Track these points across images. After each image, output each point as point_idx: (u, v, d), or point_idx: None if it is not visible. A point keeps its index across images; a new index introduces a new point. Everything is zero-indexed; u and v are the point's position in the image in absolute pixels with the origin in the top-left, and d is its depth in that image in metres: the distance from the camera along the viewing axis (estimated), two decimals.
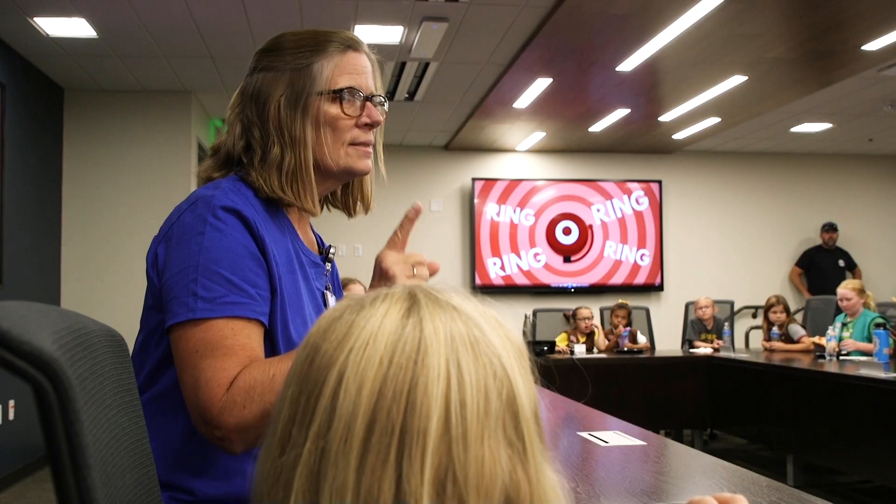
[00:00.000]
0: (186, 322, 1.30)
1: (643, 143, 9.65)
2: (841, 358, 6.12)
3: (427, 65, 6.48)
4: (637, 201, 10.09)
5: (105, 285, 7.05)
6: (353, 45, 1.53)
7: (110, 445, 0.93)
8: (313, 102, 1.47)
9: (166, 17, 5.47)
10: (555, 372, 6.13)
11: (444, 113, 8.16)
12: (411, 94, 7.34)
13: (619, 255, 10.02)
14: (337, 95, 1.49)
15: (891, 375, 5.00)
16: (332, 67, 1.49)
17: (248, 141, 1.49)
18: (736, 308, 9.27)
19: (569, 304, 8.06)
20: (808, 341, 6.84)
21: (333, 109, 1.49)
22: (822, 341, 6.35)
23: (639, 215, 10.08)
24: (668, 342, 8.34)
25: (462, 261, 9.81)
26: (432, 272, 1.55)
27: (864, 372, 5.18)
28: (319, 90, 1.48)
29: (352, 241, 9.00)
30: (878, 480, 5.43)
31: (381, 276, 1.50)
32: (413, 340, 0.64)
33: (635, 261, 10.05)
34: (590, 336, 7.21)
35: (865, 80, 6.98)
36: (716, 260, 10.27)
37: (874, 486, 5.70)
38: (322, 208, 1.63)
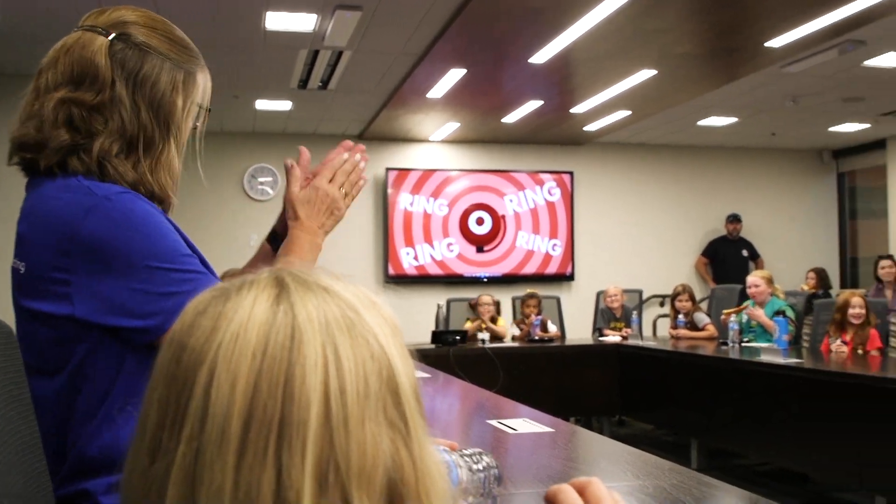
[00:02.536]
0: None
1: (555, 135, 9.77)
2: (743, 345, 6.32)
3: (340, 53, 6.43)
4: (549, 192, 10.22)
5: None
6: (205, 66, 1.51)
7: None
8: (192, 109, 1.46)
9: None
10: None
11: (358, 102, 8.12)
12: (324, 83, 7.28)
13: (531, 246, 10.14)
14: (205, 113, 1.49)
15: (789, 361, 5.19)
16: (205, 83, 1.49)
17: (122, 126, 1.37)
18: (644, 297, 9.47)
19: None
20: (711, 329, 7.04)
21: (190, 123, 1.47)
22: (730, 318, 6.53)
23: (551, 206, 10.21)
24: (579, 331, 8.48)
25: (375, 251, 9.79)
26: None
27: (764, 358, 5.36)
28: (199, 102, 1.47)
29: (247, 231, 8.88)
30: (775, 462, 5.64)
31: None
32: (286, 328, 0.61)
33: (547, 251, 10.18)
34: (493, 321, 7.28)
35: (769, 76, 7.19)
36: (625, 250, 10.48)
37: (772, 468, 5.91)
38: None
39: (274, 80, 7.24)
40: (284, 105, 8.11)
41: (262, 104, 8.10)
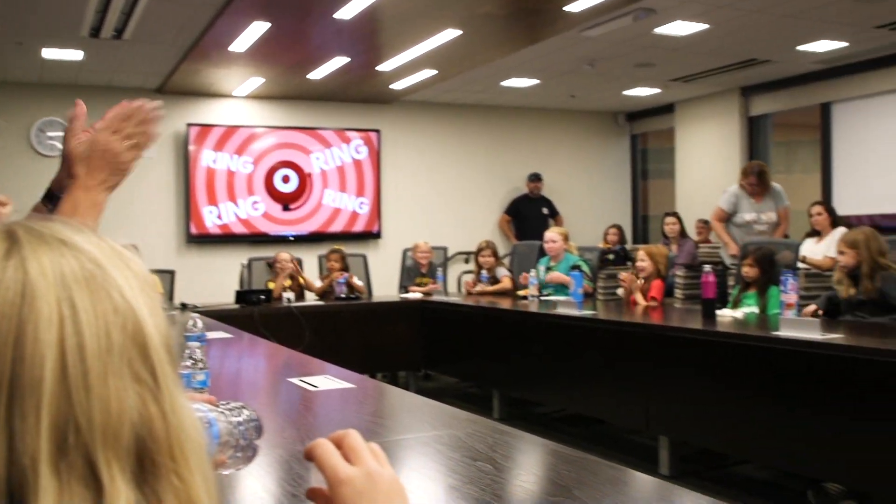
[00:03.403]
0: None
1: (362, 93, 9.72)
2: (541, 298, 6.57)
3: (135, 0, 6.10)
4: (356, 150, 10.18)
5: None
6: None
7: None
8: None
9: None
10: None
11: (156, 53, 7.74)
12: (119, 32, 6.89)
13: (338, 204, 10.09)
14: None
15: (584, 313, 5.45)
16: None
17: None
18: (450, 254, 9.66)
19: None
20: (507, 281, 7.27)
21: None
22: (527, 280, 6.77)
23: (358, 164, 10.19)
24: (386, 288, 8.55)
25: (176, 209, 9.45)
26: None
27: (561, 311, 5.60)
28: None
29: None
30: (572, 409, 5.93)
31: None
32: (16, 284, 0.57)
33: (354, 209, 10.17)
34: (294, 279, 7.24)
35: (568, 40, 7.42)
36: (431, 208, 10.62)
37: (568, 414, 6.22)
38: None
39: (62, 27, 6.78)
40: (75, 54, 7.62)
41: (49, 53, 7.57)
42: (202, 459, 0.63)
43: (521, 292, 6.99)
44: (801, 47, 7.85)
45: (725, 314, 5.01)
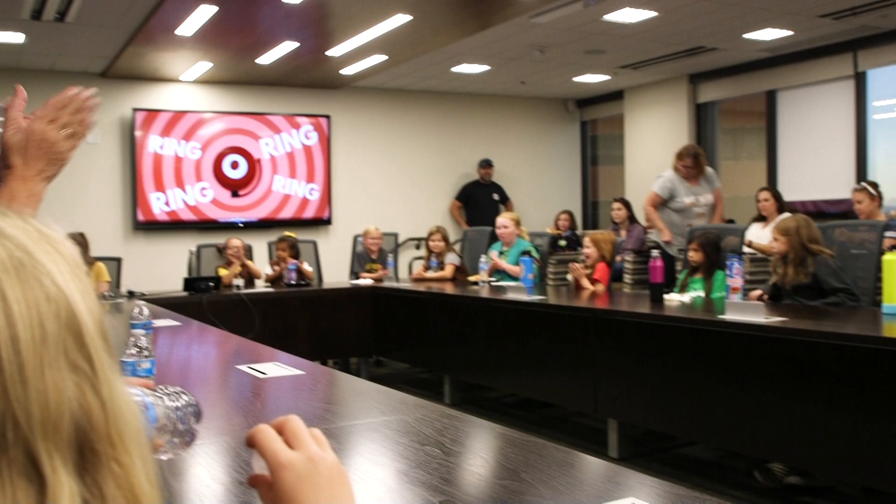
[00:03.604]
0: None
1: (312, 78, 9.65)
2: (492, 284, 6.59)
3: None
4: (306, 136, 10.11)
5: None
6: None
7: None
8: None
9: None
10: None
11: (101, 37, 7.59)
12: (62, 15, 6.74)
13: (288, 190, 10.01)
14: None
15: (533, 298, 5.48)
16: None
17: None
18: (400, 240, 9.65)
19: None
20: (450, 268, 7.26)
21: None
22: (481, 258, 6.80)
23: (308, 150, 10.12)
24: (337, 275, 8.52)
25: (123, 196, 9.30)
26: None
27: (511, 296, 5.62)
28: None
29: None
30: (522, 393, 5.97)
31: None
32: None
33: (305, 195, 10.10)
34: (243, 266, 7.18)
35: (518, 26, 7.44)
36: (382, 194, 10.59)
37: (519, 399, 6.26)
38: None
39: (1, 9, 6.62)
40: (16, 37, 7.44)
41: None
42: (142, 445, 0.62)
43: (471, 278, 7.01)
44: (747, 35, 7.95)
45: (673, 298, 5.07)
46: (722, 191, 6.85)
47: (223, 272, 7.07)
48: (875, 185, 6.27)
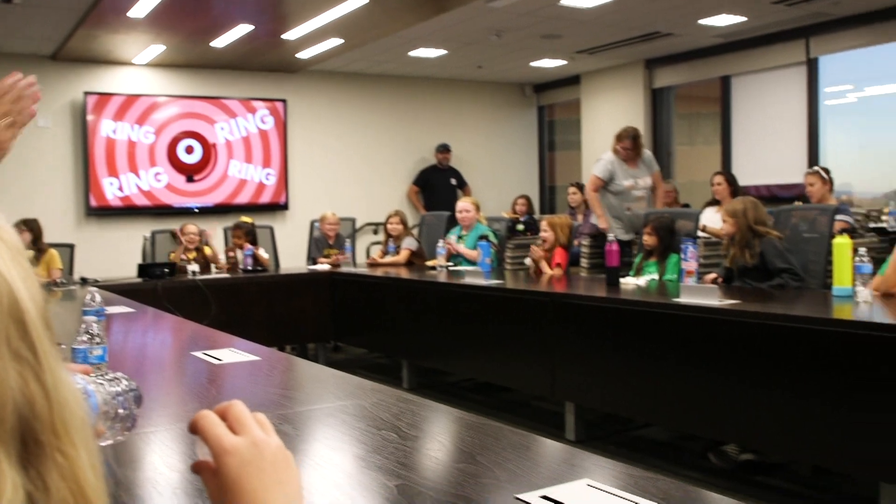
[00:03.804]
0: None
1: (268, 62, 9.55)
2: (450, 269, 6.60)
3: None
4: (262, 120, 10.02)
5: None
6: None
7: None
8: None
9: None
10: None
11: (50, 18, 7.44)
12: None
13: (244, 175, 9.92)
14: None
15: (491, 282, 5.49)
16: None
17: None
18: (358, 225, 9.62)
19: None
20: (404, 253, 7.25)
21: None
22: (438, 243, 6.80)
23: (264, 134, 10.03)
24: (294, 260, 8.47)
25: (75, 181, 9.15)
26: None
27: (469, 280, 5.63)
28: None
29: None
30: (480, 377, 5.99)
31: None
32: None
33: (261, 180, 10.02)
34: (199, 252, 7.12)
35: (475, 11, 7.42)
36: (339, 179, 10.54)
37: (477, 383, 6.28)
38: None
39: None
40: None
41: None
42: (86, 434, 0.61)
43: (429, 262, 7.00)
44: (702, 21, 8.02)
45: (629, 282, 5.11)
46: (661, 174, 6.82)
47: (174, 257, 7.01)
48: (826, 171, 6.36)
